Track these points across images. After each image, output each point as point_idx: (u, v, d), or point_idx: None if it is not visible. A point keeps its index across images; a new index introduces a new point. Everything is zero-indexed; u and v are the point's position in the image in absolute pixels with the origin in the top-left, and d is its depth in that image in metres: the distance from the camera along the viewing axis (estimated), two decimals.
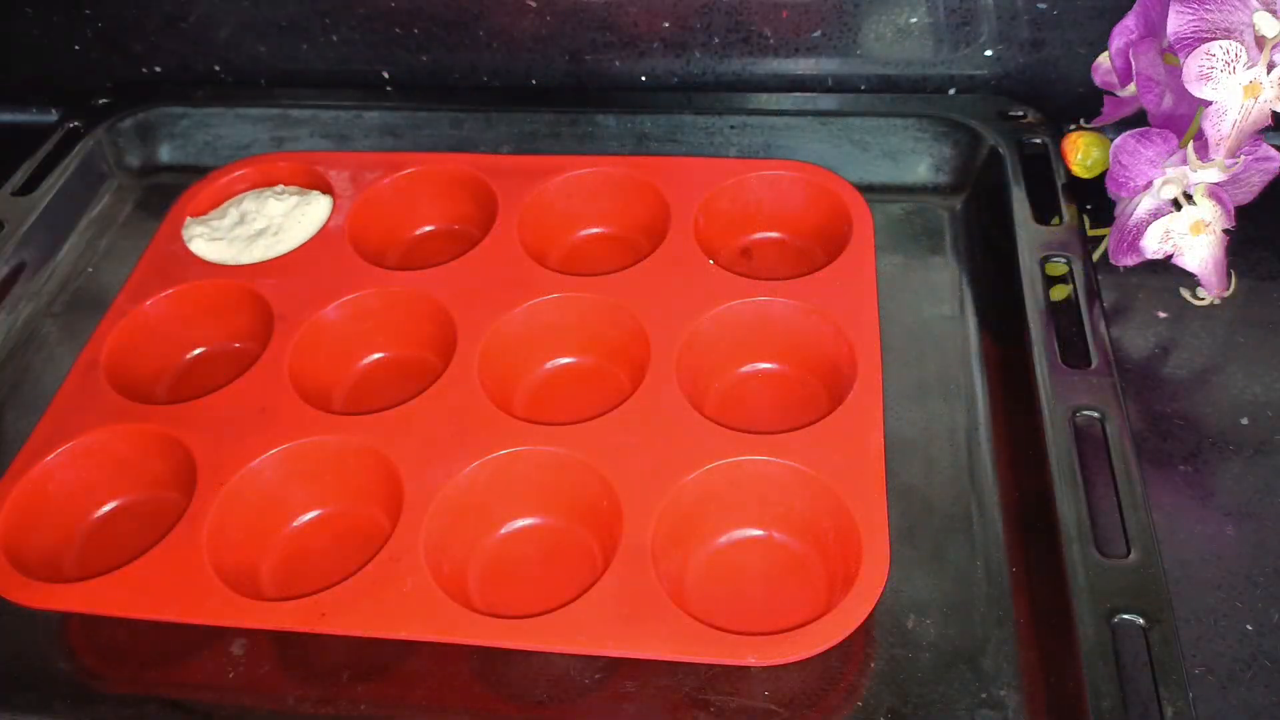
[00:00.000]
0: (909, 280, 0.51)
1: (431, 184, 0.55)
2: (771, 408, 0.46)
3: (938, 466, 0.44)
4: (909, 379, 0.47)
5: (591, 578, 0.39)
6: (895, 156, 0.56)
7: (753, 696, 0.37)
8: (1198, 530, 0.41)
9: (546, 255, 0.53)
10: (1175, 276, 0.49)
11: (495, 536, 0.43)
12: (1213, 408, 0.45)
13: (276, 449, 0.43)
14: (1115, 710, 0.33)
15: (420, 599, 0.38)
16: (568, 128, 0.58)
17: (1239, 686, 0.37)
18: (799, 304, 0.47)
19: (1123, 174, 0.46)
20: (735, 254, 0.53)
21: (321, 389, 0.48)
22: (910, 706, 0.37)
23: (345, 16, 0.60)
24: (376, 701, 0.38)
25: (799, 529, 0.41)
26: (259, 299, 0.49)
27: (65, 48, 0.63)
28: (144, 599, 0.39)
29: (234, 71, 0.63)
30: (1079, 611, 0.36)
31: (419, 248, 0.55)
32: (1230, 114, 0.41)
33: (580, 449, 0.42)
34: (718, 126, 0.57)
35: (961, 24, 0.56)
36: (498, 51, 0.60)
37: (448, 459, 0.42)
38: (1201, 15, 0.41)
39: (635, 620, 0.37)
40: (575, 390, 0.48)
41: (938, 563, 0.41)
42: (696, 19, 0.57)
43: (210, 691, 0.39)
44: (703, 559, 0.41)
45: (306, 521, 0.44)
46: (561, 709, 0.38)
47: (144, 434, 0.44)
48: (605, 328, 0.48)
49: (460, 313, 0.47)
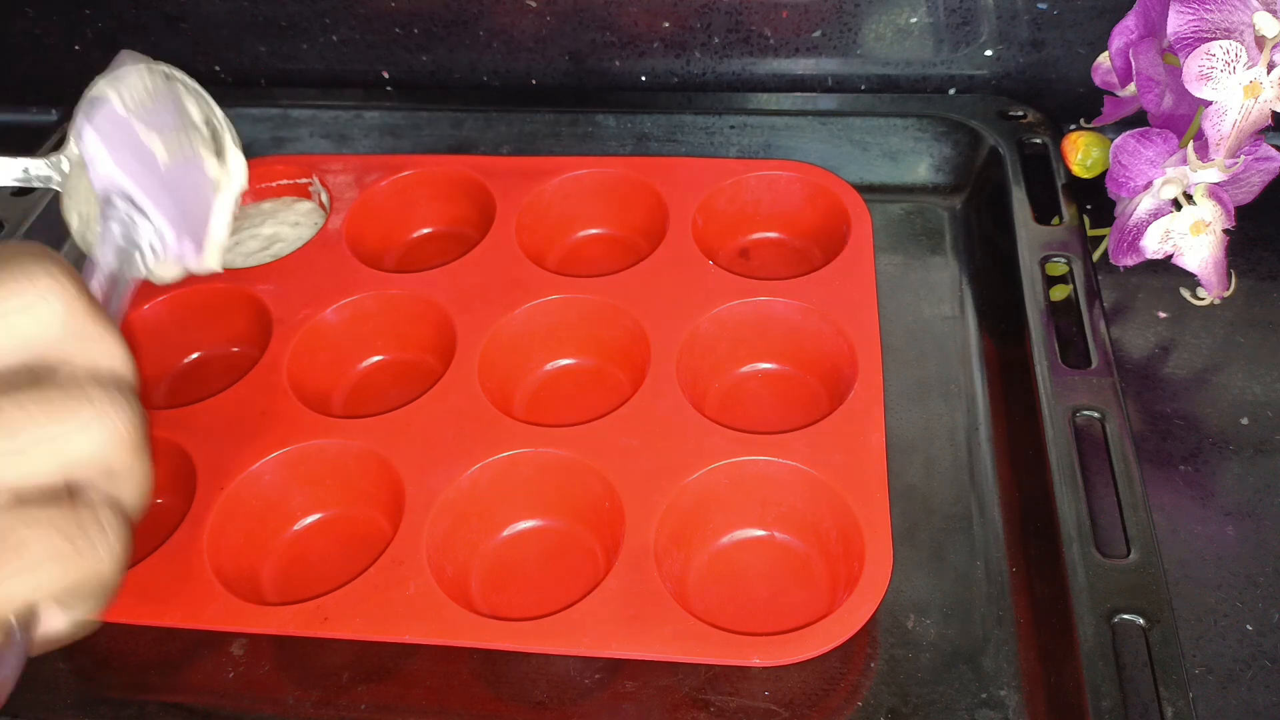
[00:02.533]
0: (909, 280, 0.51)
1: (429, 186, 0.55)
2: (772, 408, 0.46)
3: (938, 466, 0.44)
4: (909, 379, 0.47)
5: (594, 579, 0.39)
6: (895, 156, 0.56)
7: (753, 696, 0.37)
8: (1198, 530, 0.41)
9: (545, 257, 0.53)
10: (1175, 276, 0.49)
11: (497, 539, 0.43)
12: (1213, 408, 0.45)
13: (276, 453, 0.43)
14: (1115, 710, 0.33)
15: (424, 602, 0.38)
16: (568, 128, 0.58)
17: (1239, 686, 0.37)
18: (799, 304, 0.47)
19: (1123, 174, 0.46)
20: (734, 254, 0.53)
21: (321, 392, 0.48)
22: (910, 706, 0.37)
23: (345, 16, 0.60)
24: (376, 703, 0.38)
25: (801, 529, 0.41)
26: (257, 302, 0.49)
27: (65, 48, 0.63)
28: (145, 605, 0.39)
29: (234, 71, 0.63)
30: (1079, 611, 0.36)
31: (417, 250, 0.55)
32: (1230, 114, 0.41)
33: (581, 451, 0.42)
34: (718, 126, 0.57)
35: (961, 24, 0.56)
36: (498, 51, 0.60)
37: (448, 462, 0.42)
38: (1201, 15, 0.41)
39: (639, 621, 0.37)
40: (575, 392, 0.48)
41: (938, 563, 0.41)
42: (696, 19, 0.57)
43: (210, 693, 0.39)
44: (705, 560, 0.41)
45: (307, 525, 0.44)
46: (562, 709, 0.38)
47: None
48: (605, 329, 0.48)
49: (459, 315, 0.47)
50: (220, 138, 0.43)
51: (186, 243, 0.37)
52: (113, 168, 0.35)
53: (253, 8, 0.60)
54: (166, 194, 0.37)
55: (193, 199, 0.39)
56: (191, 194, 0.39)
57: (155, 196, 0.36)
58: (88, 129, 0.36)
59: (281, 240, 0.54)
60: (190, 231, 0.38)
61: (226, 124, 0.44)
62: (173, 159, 0.38)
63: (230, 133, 0.44)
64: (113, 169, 0.35)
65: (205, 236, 0.39)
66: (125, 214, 0.35)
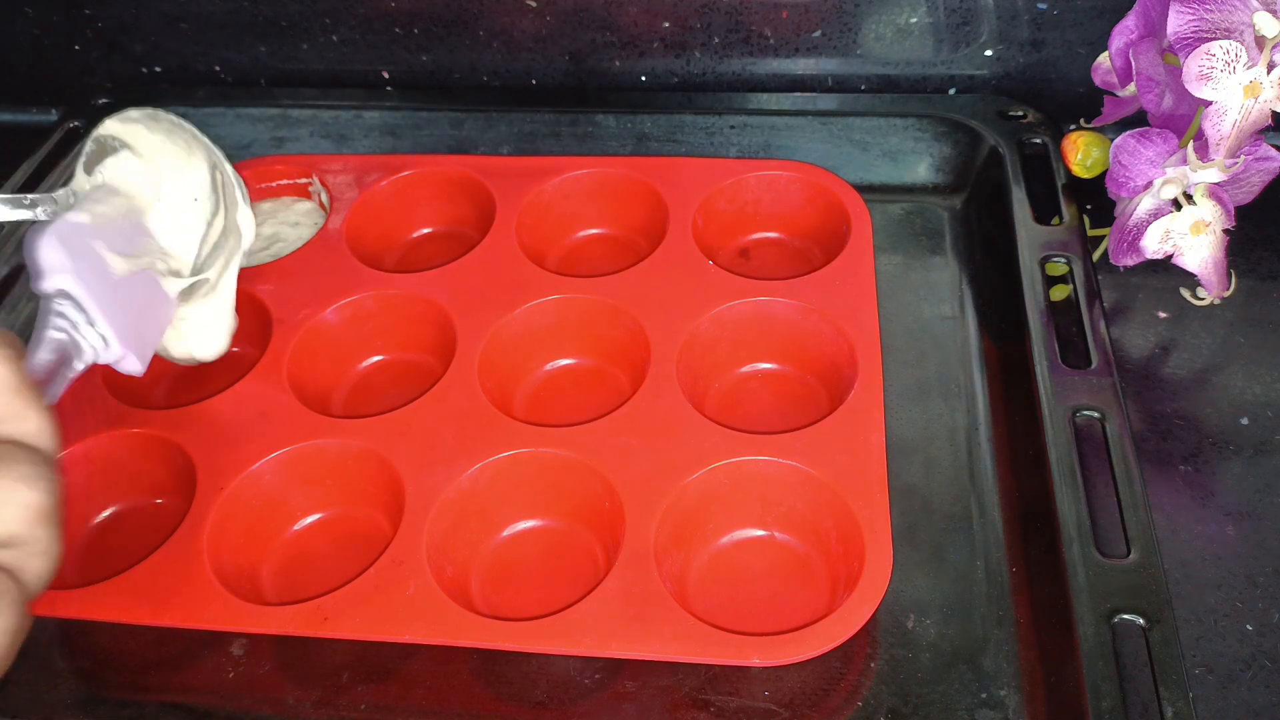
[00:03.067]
0: (909, 280, 0.51)
1: (429, 186, 0.55)
2: (772, 408, 0.46)
3: (938, 466, 0.44)
4: (909, 379, 0.47)
5: (594, 579, 0.39)
6: (895, 156, 0.56)
7: (753, 696, 0.37)
8: (1198, 530, 0.41)
9: (545, 257, 0.53)
10: (1175, 276, 0.49)
11: (497, 539, 0.43)
12: (1213, 408, 0.45)
13: (276, 453, 0.43)
14: (1115, 710, 0.33)
15: (424, 602, 0.38)
16: (568, 128, 0.58)
17: (1239, 686, 0.37)
18: (799, 304, 0.47)
19: (1123, 174, 0.46)
20: (734, 254, 0.53)
21: (321, 392, 0.48)
22: (910, 706, 0.37)
23: (345, 16, 0.60)
24: (376, 703, 0.38)
25: (801, 529, 0.41)
26: (257, 303, 0.49)
27: (65, 48, 0.63)
28: (145, 605, 0.39)
29: (234, 71, 0.63)
30: (1079, 611, 0.36)
31: (417, 250, 0.55)
32: (1230, 114, 0.41)
33: (581, 451, 0.42)
34: (718, 126, 0.57)
35: (961, 24, 0.56)
36: (498, 51, 0.60)
37: (448, 462, 0.42)
38: (1201, 15, 0.41)
39: (640, 621, 0.37)
40: (575, 392, 0.48)
41: (938, 563, 0.41)
42: (696, 19, 0.57)
43: (210, 693, 0.39)
44: (705, 560, 0.41)
45: (307, 525, 0.44)
46: (562, 709, 0.38)
47: (143, 439, 0.44)
48: (605, 329, 0.48)
49: (459, 315, 0.47)
50: (230, 192, 0.44)
51: (130, 356, 0.39)
52: (69, 276, 0.36)
53: (253, 8, 0.60)
54: (118, 306, 0.38)
55: (143, 313, 0.40)
56: (142, 308, 0.40)
57: (105, 306, 0.37)
58: (50, 236, 0.37)
59: (281, 240, 0.54)
60: (134, 345, 0.39)
61: (237, 180, 0.45)
62: (129, 274, 0.39)
63: (240, 189, 0.45)
64: (69, 277, 0.36)
65: (147, 350, 0.40)
66: (71, 316, 0.36)
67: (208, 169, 0.43)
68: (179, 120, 0.44)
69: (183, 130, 0.44)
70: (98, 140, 0.42)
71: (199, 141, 0.44)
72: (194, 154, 0.43)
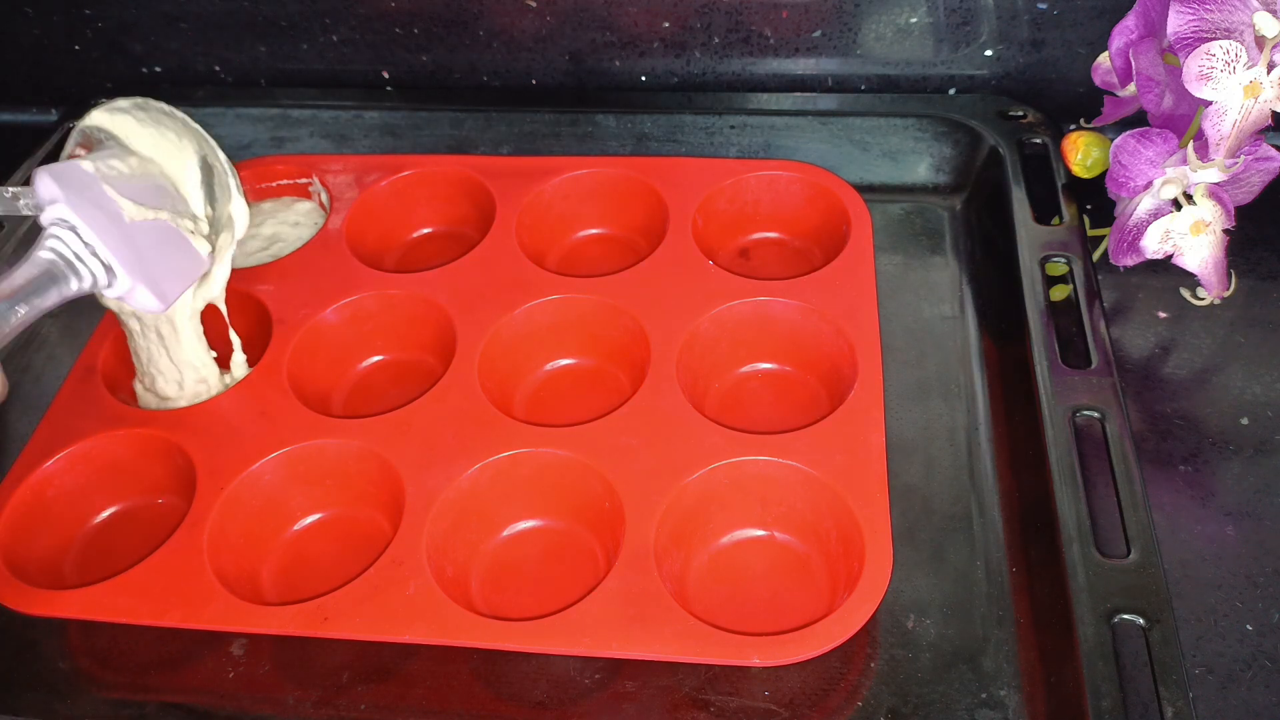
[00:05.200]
0: (909, 280, 0.51)
1: (429, 186, 0.55)
2: (772, 408, 0.46)
3: (938, 467, 0.44)
4: (909, 379, 0.47)
5: (594, 579, 0.39)
6: (895, 156, 0.56)
7: (753, 696, 0.37)
8: (1198, 530, 0.41)
9: (545, 257, 0.53)
10: (1175, 276, 0.49)
11: (497, 539, 0.43)
12: (1213, 408, 0.45)
13: (276, 453, 0.43)
14: (1115, 710, 0.33)
15: (424, 602, 0.38)
16: (568, 128, 0.58)
17: (1239, 686, 0.37)
18: (799, 304, 0.47)
19: (1123, 174, 0.46)
20: (734, 254, 0.53)
21: (321, 392, 0.48)
22: (910, 706, 0.37)
23: (345, 16, 0.60)
24: (376, 703, 0.38)
25: (801, 529, 0.41)
26: (257, 303, 0.49)
27: (65, 48, 0.63)
28: (145, 605, 0.39)
29: (234, 71, 0.63)
30: (1079, 611, 0.36)
31: (417, 250, 0.55)
32: (1230, 114, 0.41)
33: (581, 451, 0.42)
34: (718, 126, 0.57)
35: (961, 24, 0.56)
36: (498, 51, 0.60)
37: (448, 462, 0.42)
38: (1201, 15, 0.41)
39: (640, 621, 0.37)
40: (575, 392, 0.48)
41: (938, 563, 0.41)
42: (696, 19, 0.57)
43: (210, 693, 0.39)
44: (705, 560, 0.41)
45: (307, 525, 0.44)
46: (562, 709, 0.38)
47: (143, 439, 0.44)
48: (605, 329, 0.48)
49: (459, 315, 0.47)
50: (222, 181, 0.44)
51: (141, 289, 0.39)
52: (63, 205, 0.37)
53: (253, 8, 0.60)
54: (126, 243, 0.38)
55: (161, 259, 0.40)
56: (160, 254, 0.40)
57: (109, 239, 0.38)
58: (44, 172, 0.37)
59: (281, 240, 0.54)
60: (146, 281, 0.39)
61: (231, 170, 0.45)
62: (145, 220, 0.40)
63: (234, 179, 0.45)
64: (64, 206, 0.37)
65: (164, 290, 0.40)
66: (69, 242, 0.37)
67: (197, 160, 0.43)
68: (169, 109, 0.44)
69: (173, 119, 0.43)
70: (83, 132, 0.42)
71: (189, 130, 0.44)
72: (184, 145, 0.43)
